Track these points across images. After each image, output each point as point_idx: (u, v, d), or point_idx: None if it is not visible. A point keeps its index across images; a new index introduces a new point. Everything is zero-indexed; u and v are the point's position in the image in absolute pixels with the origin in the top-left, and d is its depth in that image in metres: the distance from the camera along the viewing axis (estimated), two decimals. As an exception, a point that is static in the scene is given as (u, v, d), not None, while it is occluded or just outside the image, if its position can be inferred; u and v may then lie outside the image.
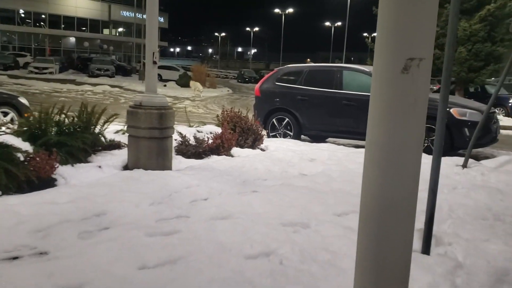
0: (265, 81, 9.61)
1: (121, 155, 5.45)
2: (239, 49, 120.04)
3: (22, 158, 4.17)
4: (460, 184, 5.53)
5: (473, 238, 3.67)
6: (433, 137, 7.51)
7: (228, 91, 34.24)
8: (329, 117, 8.72)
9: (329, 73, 8.92)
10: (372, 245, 1.46)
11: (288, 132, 9.13)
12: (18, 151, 4.18)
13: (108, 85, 27.83)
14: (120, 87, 28.05)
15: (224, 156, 6.27)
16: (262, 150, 7.22)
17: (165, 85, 31.94)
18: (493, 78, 17.78)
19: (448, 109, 7.64)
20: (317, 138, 9.15)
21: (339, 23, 69.46)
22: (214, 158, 6.10)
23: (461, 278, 3.00)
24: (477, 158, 7.73)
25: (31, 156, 4.24)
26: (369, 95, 5.70)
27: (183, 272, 2.73)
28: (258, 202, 4.25)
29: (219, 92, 31.35)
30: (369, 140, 1.44)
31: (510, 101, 17.53)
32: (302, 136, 9.19)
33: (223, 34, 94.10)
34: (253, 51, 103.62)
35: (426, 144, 7.70)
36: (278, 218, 3.83)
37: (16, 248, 2.98)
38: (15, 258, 2.87)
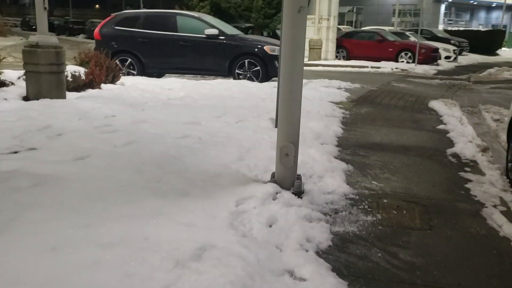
0: (104, 25, 10.50)
1: (12, 90, 6.17)
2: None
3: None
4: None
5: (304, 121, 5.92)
6: (253, 69, 9.83)
7: (21, 39, 31.52)
8: (169, 57, 10.23)
9: (165, 18, 10.36)
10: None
11: (131, 71, 10.32)
12: None
13: None
14: None
15: (98, 90, 7.37)
16: (122, 85, 8.43)
17: None
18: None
19: (261, 46, 9.98)
20: (156, 75, 10.50)
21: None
22: (90, 91, 7.16)
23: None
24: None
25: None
26: (200, 37, 8.29)
27: (143, 147, 4.22)
28: (155, 114, 5.77)
29: (13, 41, 28.74)
30: (282, 53, 3.22)
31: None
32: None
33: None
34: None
35: (248, 75, 9.93)
36: (178, 121, 5.45)
37: (13, 146, 4.01)
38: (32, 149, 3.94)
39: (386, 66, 16.79)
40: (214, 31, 9.92)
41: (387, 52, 18.76)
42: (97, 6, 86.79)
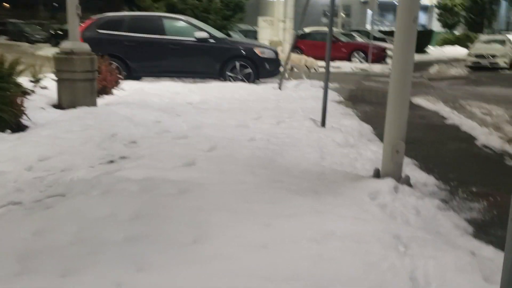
0: (86, 29, 10.15)
1: (37, 99, 5.92)
2: None
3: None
4: (287, 96, 8.17)
5: (335, 120, 6.25)
6: (246, 72, 10.00)
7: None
8: (157, 60, 10.12)
9: (151, 21, 10.24)
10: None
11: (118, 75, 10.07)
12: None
13: None
14: None
15: (112, 96, 7.21)
16: (123, 90, 8.26)
17: None
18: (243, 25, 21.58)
19: (252, 49, 10.20)
20: (139, 78, 10.25)
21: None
22: (108, 98, 7.00)
23: (343, 134, 5.47)
24: (273, 83, 10.60)
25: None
26: (190, 40, 8.42)
27: (229, 150, 4.35)
28: (199, 118, 5.83)
29: None
30: (395, 58, 3.52)
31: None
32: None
33: None
34: None
35: (241, 78, 10.10)
36: (227, 125, 5.56)
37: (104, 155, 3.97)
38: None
39: (345, 66, 17.60)
40: (204, 34, 9.98)
41: (341, 52, 19.64)
42: (7, 5, 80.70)
